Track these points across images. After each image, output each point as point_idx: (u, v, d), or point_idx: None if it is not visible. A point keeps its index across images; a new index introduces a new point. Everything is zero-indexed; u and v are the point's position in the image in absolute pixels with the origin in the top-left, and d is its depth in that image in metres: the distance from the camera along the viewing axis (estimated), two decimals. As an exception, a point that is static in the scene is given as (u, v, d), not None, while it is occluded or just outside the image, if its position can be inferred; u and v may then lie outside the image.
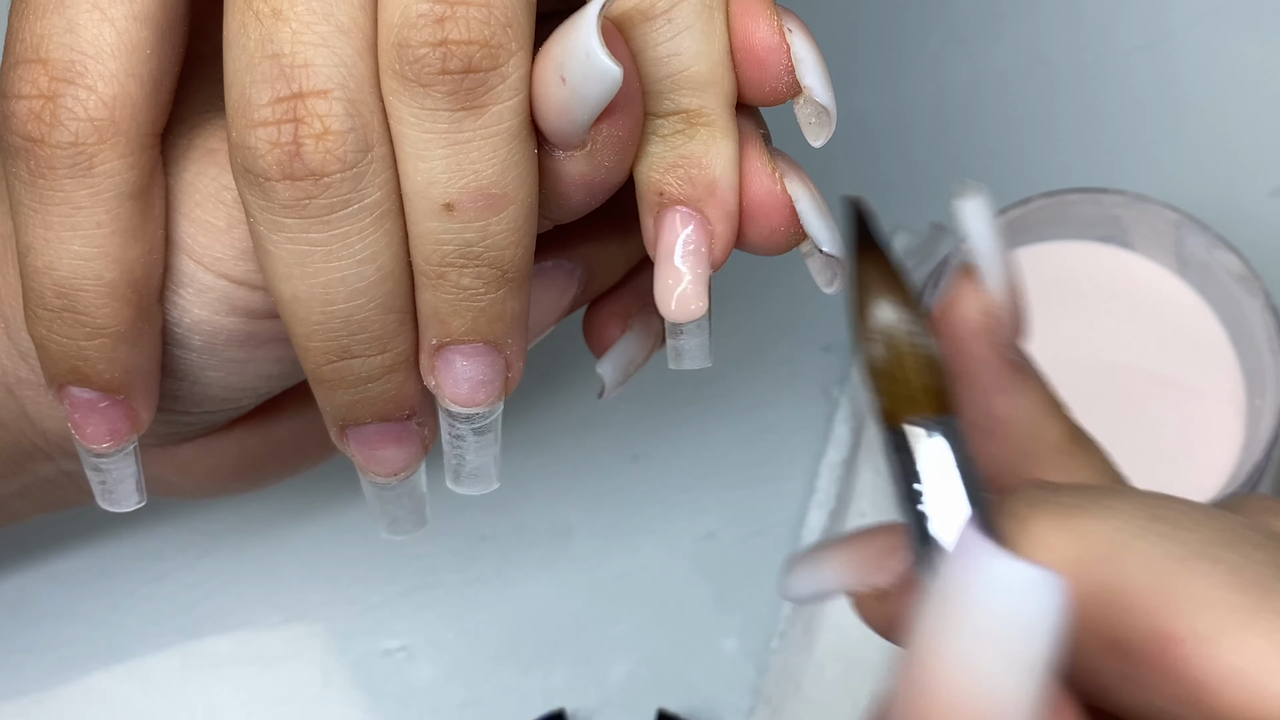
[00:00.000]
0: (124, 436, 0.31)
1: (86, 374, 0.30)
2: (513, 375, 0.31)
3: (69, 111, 0.28)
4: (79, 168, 0.28)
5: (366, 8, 0.27)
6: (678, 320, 0.31)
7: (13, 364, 0.33)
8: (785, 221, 0.31)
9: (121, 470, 0.32)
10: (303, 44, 0.27)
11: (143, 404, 0.31)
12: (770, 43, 0.30)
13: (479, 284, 0.29)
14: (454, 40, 0.27)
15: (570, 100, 0.28)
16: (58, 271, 0.29)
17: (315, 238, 0.28)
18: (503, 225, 0.28)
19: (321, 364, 0.29)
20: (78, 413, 0.31)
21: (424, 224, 0.28)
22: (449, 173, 0.28)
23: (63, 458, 0.35)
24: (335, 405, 0.30)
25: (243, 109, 0.27)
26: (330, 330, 0.29)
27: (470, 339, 0.29)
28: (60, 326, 0.30)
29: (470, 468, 0.32)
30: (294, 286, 0.28)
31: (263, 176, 0.27)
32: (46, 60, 0.28)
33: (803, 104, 0.31)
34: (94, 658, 0.46)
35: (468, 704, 0.46)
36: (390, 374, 0.30)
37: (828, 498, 0.48)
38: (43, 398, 0.33)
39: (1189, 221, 0.45)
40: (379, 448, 0.31)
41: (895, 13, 0.55)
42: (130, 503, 0.33)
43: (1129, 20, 0.55)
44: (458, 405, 0.30)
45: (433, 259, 0.28)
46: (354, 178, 0.27)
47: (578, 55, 0.27)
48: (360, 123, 0.27)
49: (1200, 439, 0.45)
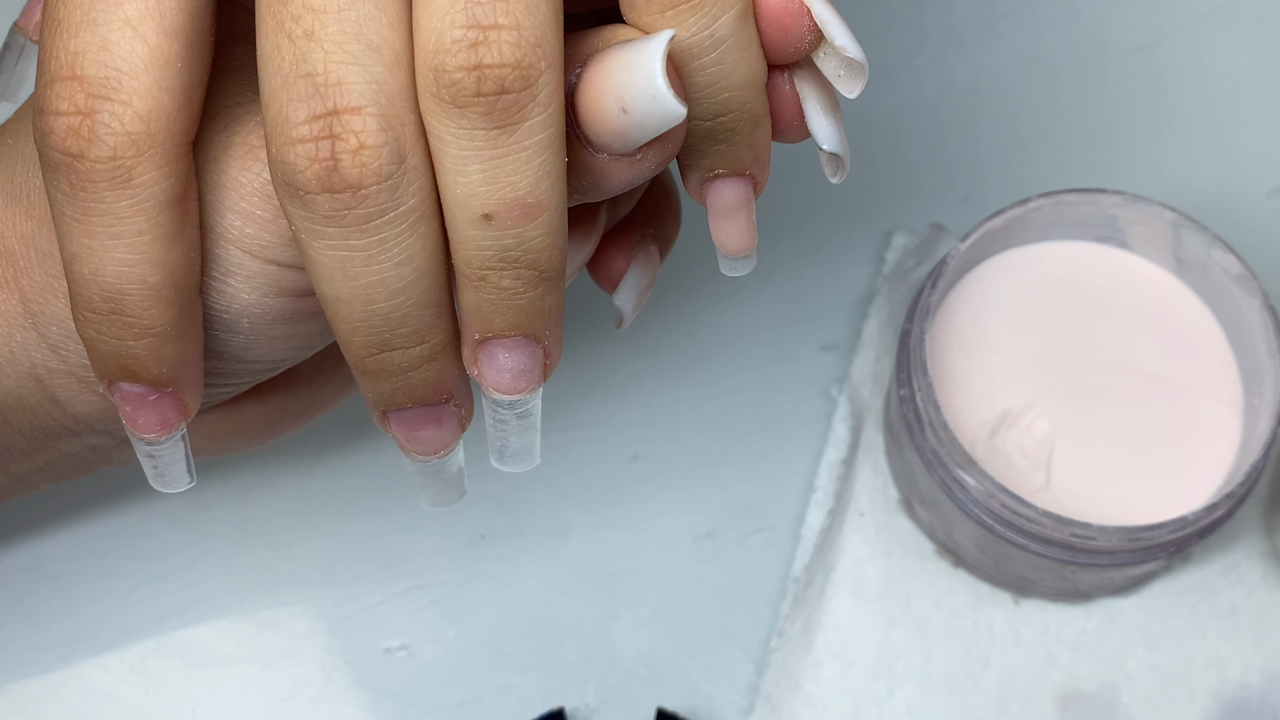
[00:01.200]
0: (174, 425, 0.33)
1: (136, 371, 0.32)
2: (551, 362, 0.32)
3: (106, 127, 0.29)
4: (118, 180, 0.30)
5: (395, 25, 0.29)
6: (740, 252, 0.33)
7: (42, 356, 0.34)
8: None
9: (173, 454, 0.34)
10: (335, 63, 0.28)
11: (190, 393, 0.33)
12: (791, 6, 0.31)
13: (518, 284, 0.30)
14: (488, 64, 0.28)
15: (630, 129, 0.30)
16: (104, 278, 0.30)
17: (355, 244, 0.29)
18: (539, 230, 0.30)
19: (364, 356, 0.31)
20: (129, 406, 0.32)
21: (464, 232, 0.30)
22: (486, 185, 0.29)
23: (89, 434, 0.37)
24: (378, 393, 0.32)
25: (281, 126, 0.29)
26: (372, 326, 0.30)
27: (511, 334, 0.31)
28: (109, 328, 0.31)
29: (514, 448, 0.34)
30: (336, 288, 0.30)
31: (303, 190, 0.29)
32: (82, 77, 0.29)
33: (825, 58, 0.32)
34: (94, 656, 0.46)
35: (467, 703, 0.46)
36: (429, 362, 0.31)
37: (827, 497, 0.48)
38: (74, 385, 0.35)
39: (1187, 222, 0.45)
40: (419, 429, 0.33)
41: (895, 13, 0.55)
42: (182, 483, 0.34)
43: (1127, 20, 0.55)
44: (501, 394, 0.32)
45: (473, 263, 0.30)
46: (390, 188, 0.29)
47: (643, 94, 0.29)
48: (393, 136, 0.29)
49: (1198, 439, 0.45)
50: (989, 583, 0.47)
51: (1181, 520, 0.42)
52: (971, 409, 0.45)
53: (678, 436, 0.49)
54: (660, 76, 0.29)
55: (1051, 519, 0.42)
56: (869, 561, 0.47)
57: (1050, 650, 0.46)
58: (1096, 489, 0.44)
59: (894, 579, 0.47)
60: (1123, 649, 0.46)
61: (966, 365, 0.45)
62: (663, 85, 0.29)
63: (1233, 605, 0.46)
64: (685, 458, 0.49)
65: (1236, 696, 0.46)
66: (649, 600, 0.47)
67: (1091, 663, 0.46)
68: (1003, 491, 0.42)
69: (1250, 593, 0.47)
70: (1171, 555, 0.44)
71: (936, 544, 0.47)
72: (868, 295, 0.51)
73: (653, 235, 0.39)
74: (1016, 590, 0.47)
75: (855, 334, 0.51)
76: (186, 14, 0.30)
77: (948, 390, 0.45)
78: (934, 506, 0.45)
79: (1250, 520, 0.47)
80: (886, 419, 0.48)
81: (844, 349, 0.50)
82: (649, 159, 0.31)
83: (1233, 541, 0.47)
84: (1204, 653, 0.46)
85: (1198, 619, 0.46)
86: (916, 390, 0.43)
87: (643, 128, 0.30)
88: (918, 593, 0.47)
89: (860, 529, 0.47)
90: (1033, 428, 0.44)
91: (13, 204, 0.34)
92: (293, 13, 0.28)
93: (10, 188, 0.34)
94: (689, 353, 0.51)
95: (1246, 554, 0.47)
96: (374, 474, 0.49)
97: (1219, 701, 0.45)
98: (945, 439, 0.43)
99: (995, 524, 0.43)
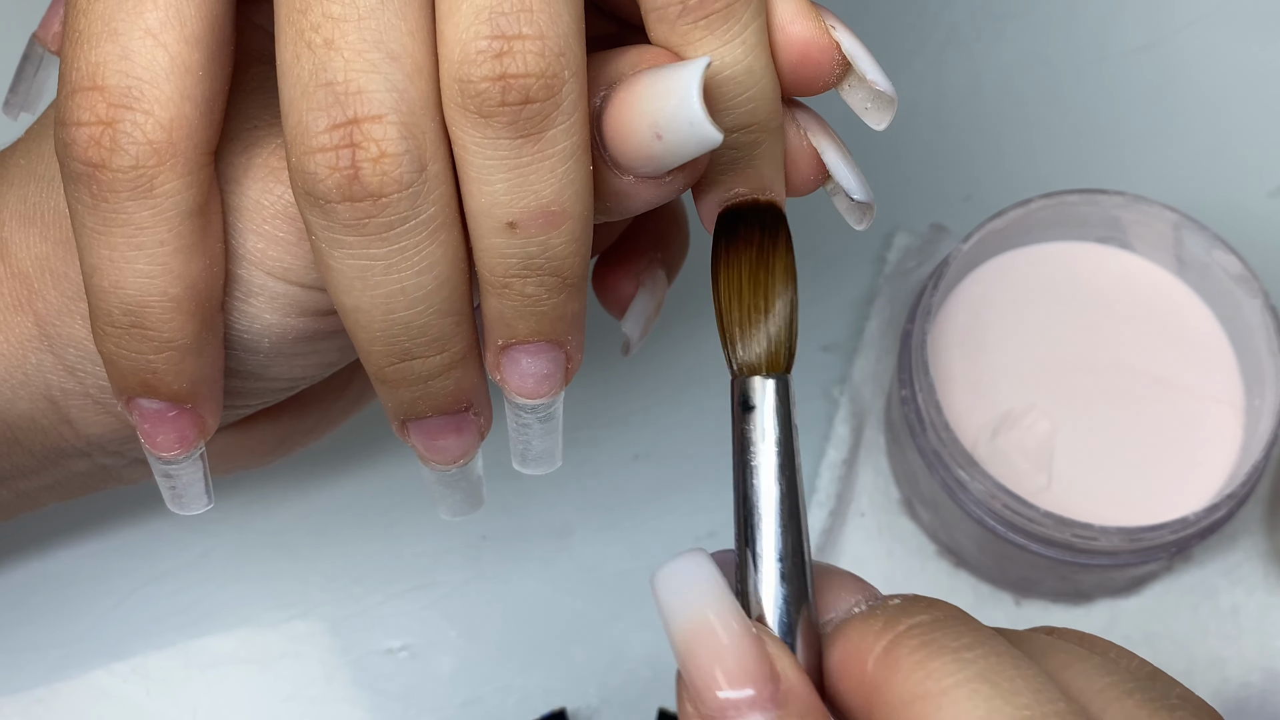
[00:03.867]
0: (192, 443, 0.33)
1: (155, 386, 0.31)
2: (572, 366, 0.32)
3: (128, 136, 0.29)
4: (140, 190, 0.29)
5: (416, 34, 0.29)
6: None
7: (57, 378, 0.34)
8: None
9: (191, 475, 0.33)
10: (355, 71, 0.28)
11: (209, 411, 0.33)
12: (822, 42, 0.31)
13: (542, 291, 0.30)
14: (512, 75, 0.28)
15: (664, 155, 0.30)
16: (125, 290, 0.30)
17: (375, 253, 0.29)
18: (562, 238, 0.30)
19: (384, 366, 0.31)
20: (147, 423, 0.32)
21: (488, 240, 0.30)
22: (510, 194, 0.29)
23: (100, 455, 0.36)
24: (397, 402, 0.32)
25: (301, 135, 0.28)
26: (391, 336, 0.30)
27: (534, 339, 0.31)
28: (129, 342, 0.31)
29: (536, 451, 0.34)
30: (356, 298, 0.30)
31: (324, 199, 0.28)
32: (104, 87, 0.29)
33: (850, 90, 0.32)
34: (95, 657, 0.46)
35: (468, 703, 0.46)
36: (449, 371, 0.31)
37: (828, 497, 0.48)
38: (89, 407, 0.34)
39: (1188, 222, 0.45)
40: (439, 438, 0.33)
41: (895, 13, 0.55)
42: (199, 505, 0.34)
43: (1128, 21, 0.55)
44: (523, 398, 0.32)
45: (497, 271, 0.30)
46: (410, 196, 0.29)
47: (679, 121, 0.29)
48: (414, 144, 0.28)
49: (1199, 439, 0.45)
50: (990, 583, 0.47)
51: (1182, 521, 0.42)
52: (973, 410, 0.45)
53: (679, 437, 0.49)
54: (698, 104, 0.29)
55: (1053, 519, 0.42)
56: (870, 562, 0.47)
57: (1051, 650, 0.46)
58: (1098, 489, 0.44)
59: (895, 579, 0.47)
60: (1124, 649, 0.46)
61: (968, 366, 0.45)
62: (701, 113, 0.29)
63: (1234, 606, 0.46)
64: (687, 458, 0.49)
65: (1237, 697, 0.46)
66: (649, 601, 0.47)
67: (1092, 663, 0.46)
68: (1004, 492, 0.42)
69: (1251, 593, 0.47)
70: (1173, 556, 0.44)
71: (938, 544, 0.47)
72: (869, 296, 0.51)
73: (660, 260, 0.39)
74: (1018, 591, 0.47)
75: (856, 334, 0.51)
76: (207, 23, 0.29)
77: (949, 391, 0.45)
78: (935, 507, 0.45)
79: (1251, 521, 0.47)
80: (888, 419, 0.48)
81: (845, 349, 0.50)
82: (678, 181, 0.31)
83: (1234, 542, 0.47)
84: (1205, 653, 0.46)
85: (1199, 619, 0.46)
86: (918, 391, 0.43)
87: (677, 153, 0.29)
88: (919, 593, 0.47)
89: (861, 529, 0.47)
90: (1034, 428, 0.44)
91: (27, 225, 0.34)
92: (312, 21, 0.28)
93: (24, 209, 0.34)
94: (691, 353, 0.51)
95: (1248, 555, 0.47)
96: (375, 475, 0.49)
97: (1220, 702, 0.45)
98: (947, 439, 0.43)
99: (996, 525, 0.43)
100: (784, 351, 0.30)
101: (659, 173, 0.30)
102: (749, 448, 0.29)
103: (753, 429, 0.29)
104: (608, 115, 0.30)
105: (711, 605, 0.27)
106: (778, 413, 0.29)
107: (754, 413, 0.29)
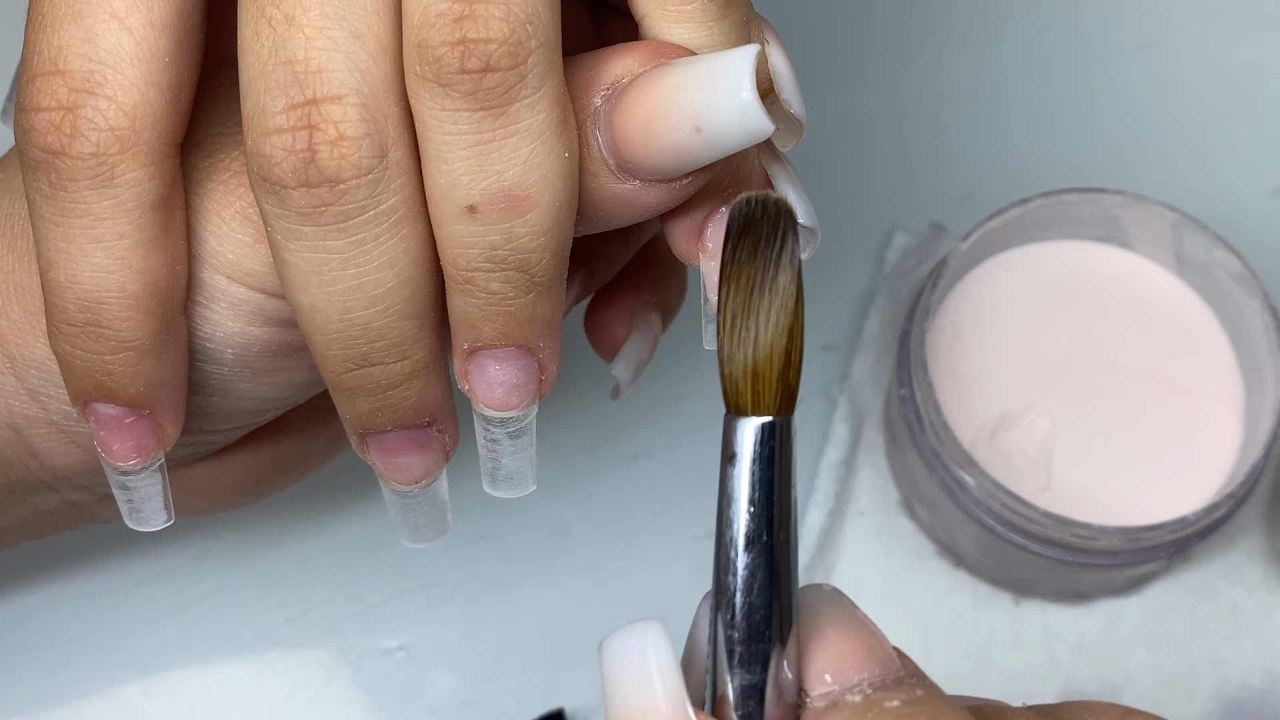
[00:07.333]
0: (150, 453, 0.31)
1: (111, 389, 0.30)
2: (546, 378, 0.30)
3: (89, 122, 0.28)
4: (100, 178, 0.28)
5: (381, 12, 0.27)
6: None
7: (20, 403, 0.33)
8: None
9: (149, 488, 0.32)
10: (316, 49, 0.27)
11: (169, 419, 0.31)
12: None
13: (507, 288, 0.28)
14: (472, 39, 0.26)
15: (700, 149, 0.28)
16: (80, 285, 0.29)
17: (332, 245, 0.28)
18: (527, 228, 0.28)
19: (341, 372, 0.29)
20: (103, 429, 0.31)
21: (448, 226, 0.28)
22: (470, 174, 0.27)
23: (68, 490, 0.35)
24: (356, 413, 0.30)
25: (257, 117, 0.27)
26: (349, 338, 0.29)
27: (502, 343, 0.29)
28: (84, 341, 0.29)
29: (506, 471, 0.32)
30: (312, 295, 0.28)
31: (279, 184, 0.27)
32: (65, 72, 0.28)
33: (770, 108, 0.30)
34: (94, 657, 0.46)
35: (468, 703, 0.46)
36: (410, 381, 0.30)
37: (827, 497, 0.48)
38: (54, 435, 0.33)
39: (1188, 221, 0.45)
40: (400, 455, 0.31)
41: (895, 13, 0.55)
42: (158, 521, 0.32)
43: (1128, 21, 0.55)
44: (492, 410, 0.30)
45: (459, 263, 0.28)
46: (370, 183, 0.27)
47: (728, 111, 0.27)
48: (375, 128, 0.27)
49: (1199, 439, 0.45)
50: (989, 583, 0.47)
51: (1182, 520, 0.42)
52: (972, 409, 0.45)
53: (678, 436, 0.49)
54: (750, 90, 0.27)
55: (1052, 519, 0.42)
56: (869, 562, 0.47)
57: (1051, 651, 0.46)
58: (1097, 489, 0.44)
59: (894, 579, 0.47)
60: (1124, 650, 0.46)
61: (967, 365, 0.45)
62: (754, 101, 0.27)
63: (1234, 606, 0.46)
64: (685, 457, 0.49)
65: (1237, 697, 0.46)
66: (649, 600, 0.47)
67: (1092, 664, 0.46)
68: (1003, 492, 0.42)
69: (1251, 593, 0.47)
70: (1172, 556, 0.44)
71: (937, 544, 0.47)
72: (868, 295, 0.51)
73: (655, 304, 0.38)
74: (1017, 591, 0.47)
75: (855, 334, 0.50)
76: (175, 8, 0.28)
77: (948, 390, 0.45)
78: (934, 507, 0.45)
79: (1251, 521, 0.47)
80: (887, 419, 0.48)
81: (844, 349, 0.50)
82: (696, 182, 0.29)
83: (1234, 542, 0.47)
84: (1205, 653, 0.46)
85: (1199, 620, 0.46)
86: (917, 390, 0.43)
87: (718, 147, 0.28)
88: (918, 593, 0.47)
89: (860, 529, 0.47)
90: (1033, 428, 0.44)
91: None
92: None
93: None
94: (690, 352, 0.51)
95: (1248, 554, 0.47)
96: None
97: (1220, 702, 0.45)
98: (946, 439, 0.43)
99: (996, 524, 0.43)
100: (779, 389, 0.25)
101: (685, 171, 0.28)
102: (727, 502, 0.25)
103: (731, 483, 0.25)
104: (620, 113, 0.28)
105: (651, 698, 0.25)
106: (759, 464, 0.25)
107: (734, 463, 0.25)
